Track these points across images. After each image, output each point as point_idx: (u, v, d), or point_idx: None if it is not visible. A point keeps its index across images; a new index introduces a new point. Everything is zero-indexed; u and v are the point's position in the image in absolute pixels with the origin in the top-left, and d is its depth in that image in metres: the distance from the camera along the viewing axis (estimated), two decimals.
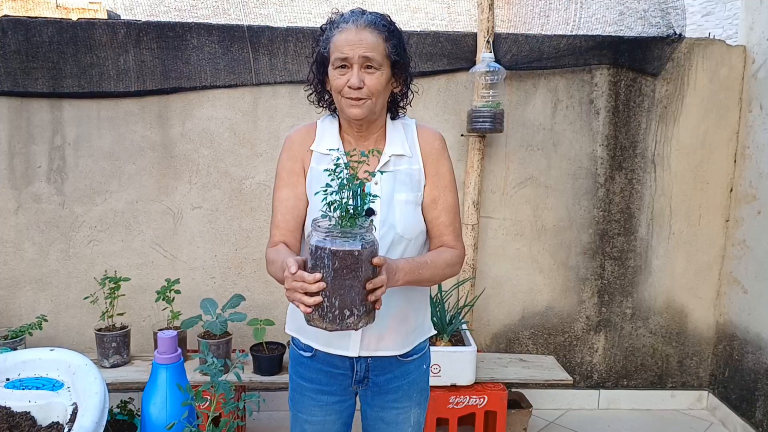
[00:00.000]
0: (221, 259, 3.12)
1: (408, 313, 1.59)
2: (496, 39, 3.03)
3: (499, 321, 3.30)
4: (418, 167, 1.57)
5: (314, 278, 1.21)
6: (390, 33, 1.48)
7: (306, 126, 1.63)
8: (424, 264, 1.46)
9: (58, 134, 2.97)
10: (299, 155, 1.58)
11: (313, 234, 1.25)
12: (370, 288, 1.24)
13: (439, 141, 1.61)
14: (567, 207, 3.23)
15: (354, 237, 1.22)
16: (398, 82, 1.55)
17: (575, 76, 3.14)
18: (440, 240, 1.58)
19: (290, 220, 1.55)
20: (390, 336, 1.56)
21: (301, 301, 1.23)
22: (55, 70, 2.90)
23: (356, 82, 1.43)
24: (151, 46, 2.93)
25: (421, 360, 1.67)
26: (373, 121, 1.55)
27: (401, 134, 1.59)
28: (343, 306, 1.22)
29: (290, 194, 1.56)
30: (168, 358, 1.32)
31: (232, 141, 3.04)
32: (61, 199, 3.01)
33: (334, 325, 1.23)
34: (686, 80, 3.18)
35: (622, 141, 3.20)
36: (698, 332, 3.39)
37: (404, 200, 1.52)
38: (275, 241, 1.55)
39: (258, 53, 2.97)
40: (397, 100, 1.61)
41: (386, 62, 1.48)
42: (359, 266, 1.21)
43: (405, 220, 1.52)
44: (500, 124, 2.93)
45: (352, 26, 1.45)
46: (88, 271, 3.06)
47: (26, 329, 2.75)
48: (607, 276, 3.30)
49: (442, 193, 1.57)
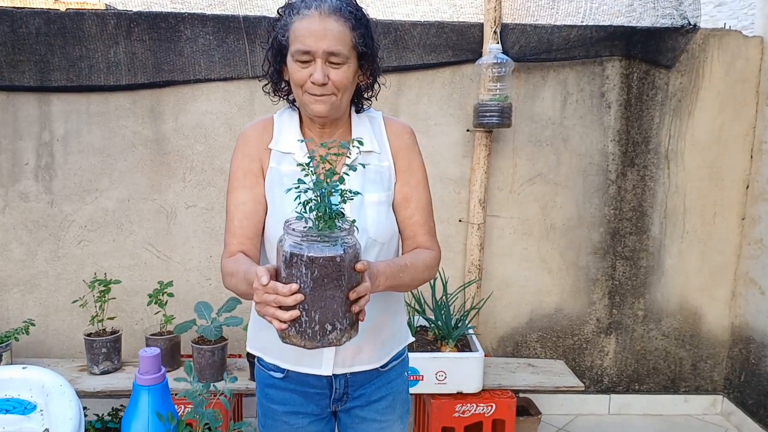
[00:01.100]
0: (217, 259, 2.99)
1: (385, 322, 1.47)
2: (504, 29, 2.90)
3: (506, 323, 3.17)
4: (387, 164, 1.44)
5: (290, 289, 1.05)
6: (357, 21, 1.33)
7: (262, 121, 1.48)
8: (404, 267, 1.33)
9: (46, 130, 2.84)
10: (256, 154, 1.42)
11: (286, 238, 1.10)
12: (353, 297, 1.10)
13: (408, 134, 1.48)
14: (577, 205, 3.10)
15: (334, 241, 1.07)
16: (365, 75, 1.42)
17: (586, 69, 3.01)
18: (414, 241, 1.45)
19: (248, 226, 1.39)
20: (367, 348, 1.43)
21: (275, 317, 1.07)
22: (43, 62, 2.77)
23: (320, 78, 1.29)
24: (142, 38, 2.80)
25: (401, 366, 1.56)
26: (338, 116, 1.42)
27: (368, 128, 1.46)
28: (324, 320, 1.08)
29: (247, 197, 1.40)
30: (150, 379, 1.20)
31: (228, 136, 2.91)
32: (49, 198, 2.88)
33: (314, 342, 1.09)
34: (701, 72, 3.05)
35: (634, 136, 3.07)
36: (713, 334, 3.27)
37: (376, 201, 1.39)
38: (232, 251, 1.39)
39: (254, 44, 2.84)
40: (361, 92, 1.47)
41: (353, 54, 1.33)
42: (341, 274, 1.07)
43: (378, 222, 1.39)
44: (508, 119, 2.81)
45: (314, 12, 1.28)
46: (78, 272, 2.94)
47: (12, 334, 2.62)
48: (618, 276, 3.18)
49: (415, 190, 1.45)
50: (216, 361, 2.58)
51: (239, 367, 2.73)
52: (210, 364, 2.57)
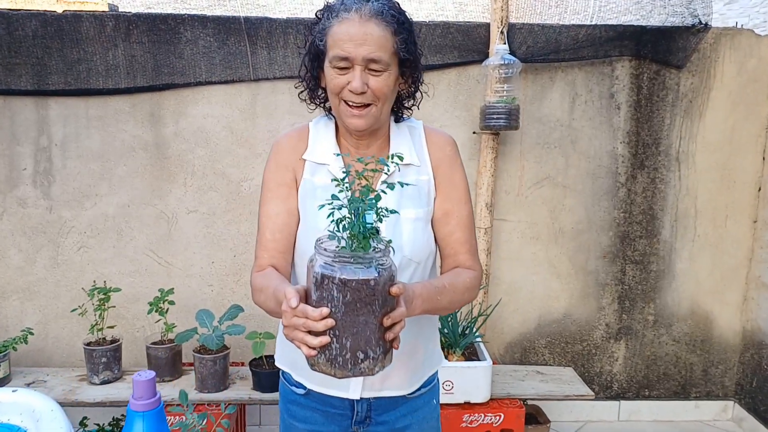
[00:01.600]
0: (219, 265, 2.93)
1: (417, 346, 1.39)
2: (511, 29, 2.83)
3: (513, 329, 3.11)
4: (427, 178, 1.35)
5: (320, 314, 0.98)
6: (400, 25, 1.24)
7: (297, 130, 1.41)
8: (443, 289, 1.24)
9: (44, 134, 2.79)
10: (290, 164, 1.36)
11: (317, 258, 1.03)
12: (388, 324, 1.02)
13: (450, 146, 1.40)
14: (586, 208, 3.04)
15: (368, 262, 1.00)
16: (406, 82, 1.34)
17: (595, 69, 2.94)
18: (455, 260, 1.36)
19: (281, 239, 1.33)
20: (397, 373, 1.36)
21: (304, 342, 1.00)
22: (40, 66, 2.72)
23: (359, 86, 1.21)
24: (141, 40, 2.74)
25: (430, 394, 1.47)
26: (377, 128, 1.34)
27: (407, 140, 1.38)
28: (356, 347, 1.00)
29: (281, 209, 1.34)
30: (144, 404, 1.13)
31: (230, 140, 2.85)
32: (48, 204, 2.83)
33: (345, 371, 1.02)
34: (713, 72, 2.98)
35: (644, 137, 3.00)
36: (724, 339, 3.21)
37: (413, 217, 1.31)
38: (262, 264, 1.32)
39: (256, 46, 2.78)
40: (401, 100, 1.39)
41: (394, 60, 1.25)
42: (375, 298, 0.99)
43: (414, 240, 1.31)
44: (515, 121, 2.74)
45: (354, 16, 1.21)
46: (77, 279, 2.89)
47: (10, 344, 2.57)
48: (628, 281, 3.11)
49: (456, 205, 1.36)
50: (218, 371, 2.52)
51: (242, 376, 2.68)
52: (212, 374, 2.51)
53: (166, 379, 2.61)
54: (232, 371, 2.69)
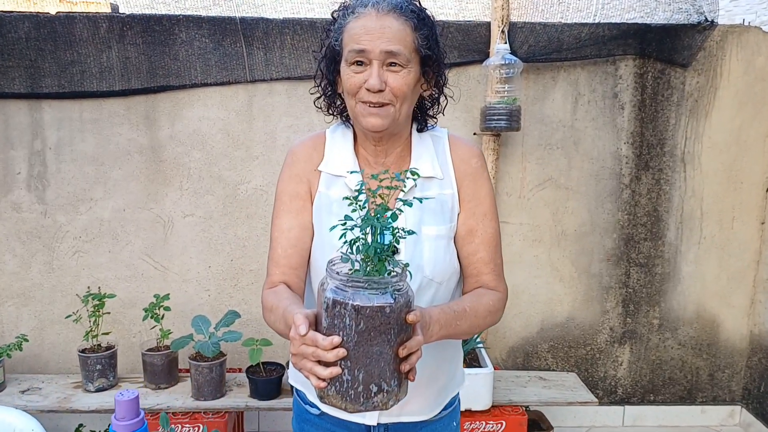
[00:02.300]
0: (216, 270, 2.89)
1: (439, 370, 1.31)
2: (512, 28, 2.78)
3: (516, 333, 3.06)
4: (451, 192, 1.26)
5: (331, 343, 0.91)
6: (420, 20, 1.17)
7: (312, 138, 1.32)
8: (463, 313, 1.15)
9: (38, 138, 2.75)
10: (304, 175, 1.27)
11: (329, 281, 0.95)
12: (404, 354, 0.94)
13: (477, 158, 1.30)
14: (589, 210, 2.98)
15: (384, 287, 0.92)
16: (429, 84, 1.24)
17: (598, 68, 2.88)
18: (478, 280, 1.27)
19: (293, 255, 1.25)
20: (417, 399, 1.27)
21: (313, 372, 0.92)
22: (33, 68, 2.68)
23: (376, 83, 1.12)
24: (136, 42, 2.70)
25: (450, 417, 1.39)
26: (396, 132, 1.24)
27: (430, 150, 1.28)
28: (369, 380, 0.93)
29: (294, 223, 1.26)
30: (127, 425, 1.09)
31: (226, 143, 2.80)
32: (42, 208, 2.79)
33: (357, 405, 0.94)
34: (719, 71, 2.91)
35: (649, 138, 2.94)
36: (731, 343, 3.14)
37: (434, 235, 1.22)
38: (273, 281, 1.25)
39: (252, 47, 2.73)
40: (425, 107, 1.30)
41: (415, 58, 1.16)
42: (391, 327, 0.92)
43: (435, 259, 1.22)
44: (516, 122, 2.69)
45: (371, 10, 1.14)
46: (73, 284, 2.85)
47: (4, 351, 2.54)
48: (632, 284, 3.05)
49: (481, 222, 1.26)
50: (214, 378, 2.49)
51: (239, 383, 2.64)
52: (208, 381, 2.47)
53: (162, 387, 2.57)
54: (229, 378, 2.65)
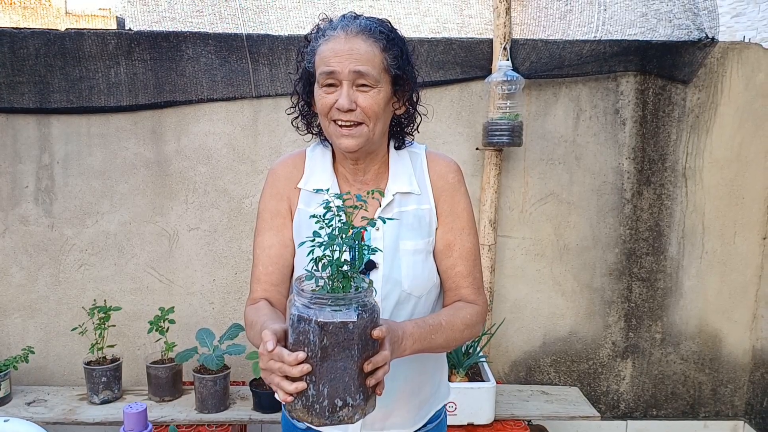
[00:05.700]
0: (220, 283, 2.92)
1: (422, 383, 1.34)
2: (514, 45, 2.81)
3: (518, 348, 3.07)
4: (428, 207, 1.30)
5: (296, 359, 0.94)
6: (389, 41, 1.21)
7: (292, 156, 1.36)
8: (438, 327, 1.18)
9: (45, 152, 2.79)
10: (285, 193, 1.32)
11: (296, 299, 0.98)
12: (368, 369, 0.97)
13: (453, 173, 1.33)
14: (591, 225, 3.00)
15: (348, 303, 0.95)
16: (401, 102, 1.27)
17: (599, 85, 2.91)
18: (457, 293, 1.30)
19: (274, 272, 1.29)
20: (400, 412, 1.30)
21: (280, 387, 0.96)
22: (43, 84, 2.72)
23: (345, 103, 1.16)
24: (143, 58, 2.74)
25: (438, 429, 1.41)
26: (372, 150, 1.28)
27: (407, 167, 1.31)
28: (334, 394, 0.96)
29: (274, 240, 1.30)
30: None
31: (231, 157, 2.84)
32: (49, 221, 2.83)
33: (322, 419, 0.96)
34: (720, 87, 2.94)
35: (650, 153, 2.96)
36: (733, 358, 3.15)
37: (412, 249, 1.26)
38: (255, 298, 1.29)
39: (258, 64, 2.77)
40: (402, 125, 1.34)
41: (385, 77, 1.20)
42: (354, 342, 0.95)
43: (413, 273, 1.25)
44: (519, 137, 2.71)
45: (341, 33, 1.18)
46: (79, 296, 2.87)
47: (11, 362, 2.57)
48: (634, 299, 3.07)
49: (459, 236, 1.30)
50: (218, 391, 2.50)
51: (242, 396, 2.65)
52: (212, 394, 2.49)
53: (167, 399, 2.59)
54: (232, 391, 2.67)
